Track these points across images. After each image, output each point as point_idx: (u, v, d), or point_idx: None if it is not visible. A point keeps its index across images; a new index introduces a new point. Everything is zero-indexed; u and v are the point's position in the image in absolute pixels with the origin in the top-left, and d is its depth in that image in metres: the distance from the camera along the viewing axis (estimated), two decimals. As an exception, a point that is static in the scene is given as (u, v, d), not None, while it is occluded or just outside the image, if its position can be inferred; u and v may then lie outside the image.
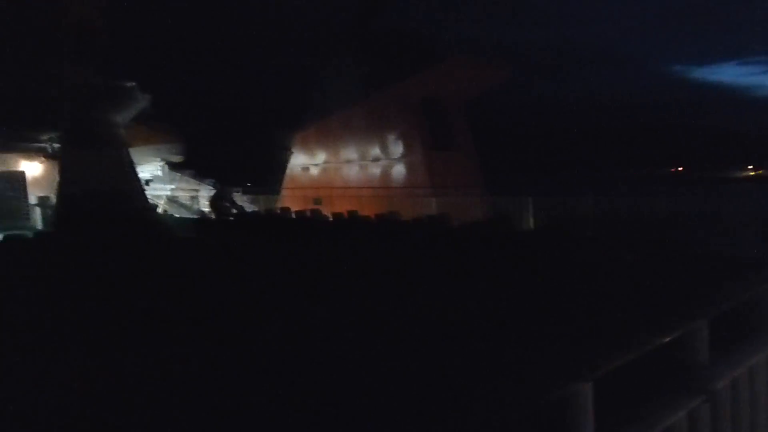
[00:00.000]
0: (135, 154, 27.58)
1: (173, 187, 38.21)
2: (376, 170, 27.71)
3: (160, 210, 33.74)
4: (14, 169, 27.80)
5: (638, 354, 5.10)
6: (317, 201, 28.23)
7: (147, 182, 34.64)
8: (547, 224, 18.56)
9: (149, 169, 36.80)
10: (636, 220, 17.36)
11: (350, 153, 29.20)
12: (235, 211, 26.53)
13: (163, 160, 37.45)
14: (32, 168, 28.26)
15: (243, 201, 31.18)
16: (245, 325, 7.76)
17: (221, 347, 6.87)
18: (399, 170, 26.59)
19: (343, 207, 25.01)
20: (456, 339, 6.22)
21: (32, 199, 27.32)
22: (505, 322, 6.76)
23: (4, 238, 18.70)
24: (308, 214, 25.02)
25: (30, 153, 28.89)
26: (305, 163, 32.38)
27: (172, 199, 37.63)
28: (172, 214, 34.79)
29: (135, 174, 23.97)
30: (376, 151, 27.67)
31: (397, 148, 26.59)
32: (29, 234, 20.69)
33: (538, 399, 4.26)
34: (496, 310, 7.43)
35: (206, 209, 33.45)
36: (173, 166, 38.07)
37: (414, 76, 25.45)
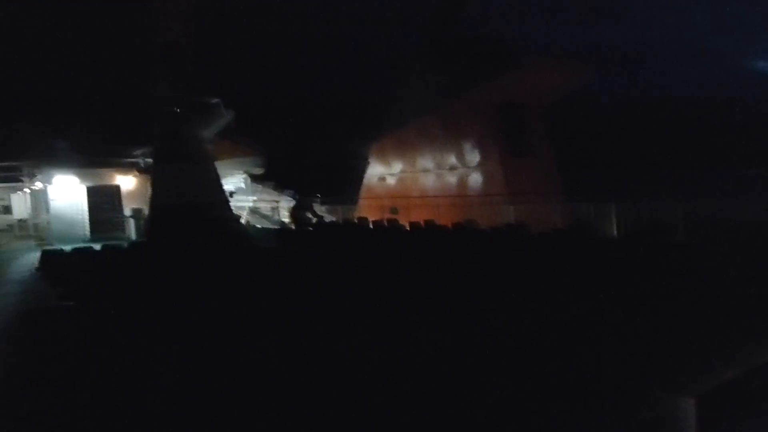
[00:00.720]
0: (220, 167, 28.71)
1: (255, 198, 39.51)
2: (452, 179, 27.56)
3: (242, 221, 34.94)
4: (110, 183, 29.57)
5: (746, 369, 4.79)
6: (394, 210, 28.38)
7: (231, 194, 35.96)
8: (632, 231, 17.78)
9: (233, 181, 38.19)
10: (731, 225, 16.36)
11: (426, 162, 29.20)
12: (314, 220, 27.06)
13: (245, 172, 38.78)
14: (126, 182, 29.95)
15: (321, 211, 31.78)
16: (330, 331, 7.88)
17: (307, 351, 7.00)
18: (476, 178, 26.32)
19: (419, 216, 24.99)
20: (547, 352, 6.06)
21: (126, 211, 28.93)
22: (598, 335, 6.53)
23: (102, 247, 19.87)
24: (385, 223, 25.18)
25: (124, 168, 30.68)
26: (382, 172, 32.67)
27: (254, 210, 38.90)
28: (254, 225, 35.96)
29: (220, 186, 24.94)
30: (452, 159, 27.52)
31: (474, 156, 26.34)
32: (124, 244, 21.88)
33: (638, 415, 4.09)
34: (586, 322, 7.20)
35: (286, 219, 34.36)
36: (255, 179, 39.36)
37: (490, 82, 25.18)
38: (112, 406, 6.04)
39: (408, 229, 23.09)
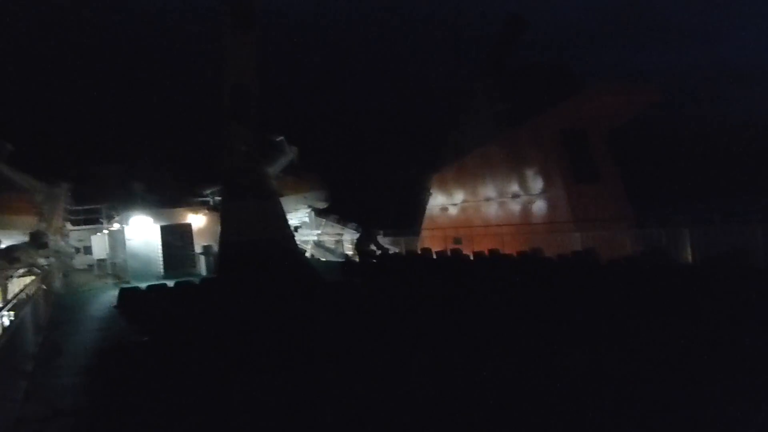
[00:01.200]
0: (285, 202, 29.45)
1: (319, 232, 40.17)
2: (516, 207, 27.18)
3: (307, 254, 35.49)
4: (182, 221, 30.75)
5: None
6: (457, 240, 28.20)
7: (296, 228, 36.70)
8: (708, 257, 16.93)
9: (298, 216, 39.03)
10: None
11: (489, 191, 28.96)
12: (378, 252, 27.19)
13: (309, 207, 39.59)
14: (197, 220, 31.06)
15: (385, 242, 31.93)
16: (400, 361, 7.86)
17: (379, 380, 7.00)
18: (540, 206, 25.85)
19: (483, 245, 24.73)
20: (628, 388, 5.84)
21: (197, 248, 29.95)
22: (690, 370, 6.24)
23: (175, 284, 20.58)
24: (449, 253, 25.02)
25: (195, 206, 31.88)
26: (444, 203, 32.62)
27: (318, 244, 39.53)
28: (319, 258, 36.47)
29: (286, 222, 25.46)
30: (515, 187, 27.18)
31: (537, 183, 25.92)
32: (196, 280, 22.58)
33: None
34: (663, 354, 6.90)
35: (350, 252, 34.69)
36: (319, 213, 40.11)
37: (552, 108, 24.90)
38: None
39: (472, 258, 22.86)
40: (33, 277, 22.94)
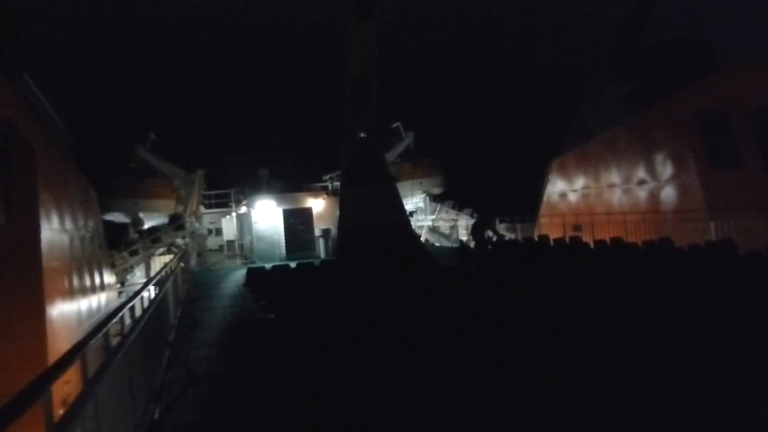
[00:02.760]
0: (400, 187, 29.87)
1: (434, 217, 40.36)
2: (642, 193, 25.65)
3: (422, 239, 35.80)
4: (303, 206, 32.13)
5: None
6: (577, 228, 27.21)
7: (411, 214, 37.12)
8: None
9: (413, 201, 39.44)
10: None
11: (613, 176, 27.56)
12: (494, 239, 26.86)
13: (424, 192, 39.85)
14: (316, 204, 32.33)
15: (501, 229, 31.49)
16: (515, 353, 7.77)
17: (496, 372, 6.97)
18: (669, 193, 24.21)
19: (605, 234, 23.65)
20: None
21: (317, 232, 31.20)
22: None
23: (297, 265, 21.59)
24: (567, 241, 24.18)
25: (315, 191, 33.19)
26: (563, 189, 31.51)
27: (433, 229, 39.75)
28: (433, 243, 36.67)
29: (402, 207, 25.85)
30: (642, 172, 25.65)
31: (668, 169, 24.28)
32: (316, 262, 23.56)
33: None
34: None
35: (464, 238, 34.54)
36: (434, 198, 40.28)
37: (688, 87, 23.19)
38: (300, 411, 6.56)
39: (593, 247, 21.95)
40: (171, 256, 25.00)
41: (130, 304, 7.61)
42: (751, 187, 21.77)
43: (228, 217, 34.21)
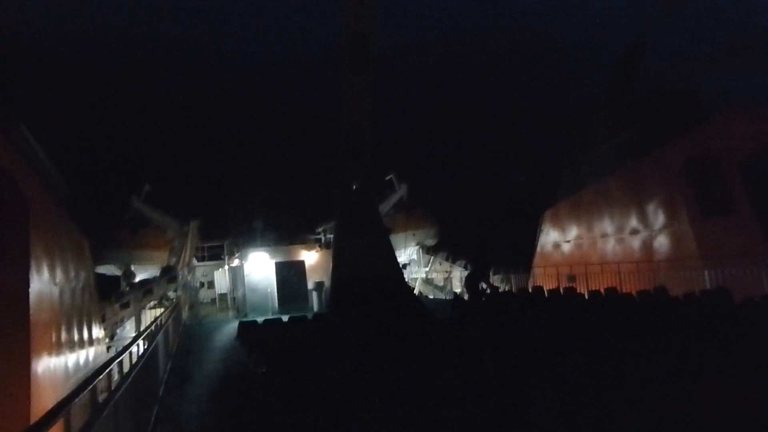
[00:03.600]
0: (394, 239, 29.83)
1: (427, 269, 40.18)
2: (636, 243, 25.71)
3: (415, 291, 35.54)
4: (296, 258, 31.99)
5: None
6: (571, 278, 27.09)
7: (404, 266, 36.98)
8: None
9: (407, 253, 39.34)
10: None
11: (606, 226, 27.68)
12: (488, 291, 26.70)
13: (417, 244, 39.79)
14: (309, 257, 32.19)
15: (495, 280, 31.36)
16: (509, 403, 7.60)
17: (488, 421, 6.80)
18: (662, 242, 24.28)
19: (599, 284, 23.56)
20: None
21: (310, 284, 30.93)
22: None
23: (289, 318, 21.33)
24: (561, 292, 24.06)
25: (308, 244, 33.10)
26: (557, 239, 31.59)
27: (427, 281, 39.51)
28: (427, 296, 36.40)
29: (394, 259, 25.78)
30: (635, 222, 25.79)
31: (660, 218, 24.43)
32: (309, 315, 23.28)
33: None
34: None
35: (458, 290, 34.31)
36: (427, 250, 40.21)
37: (679, 136, 23.60)
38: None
39: (587, 297, 21.83)
40: (163, 309, 24.66)
41: (118, 359, 7.44)
42: (743, 234, 21.87)
43: (221, 269, 33.95)
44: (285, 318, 21.95)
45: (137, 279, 33.23)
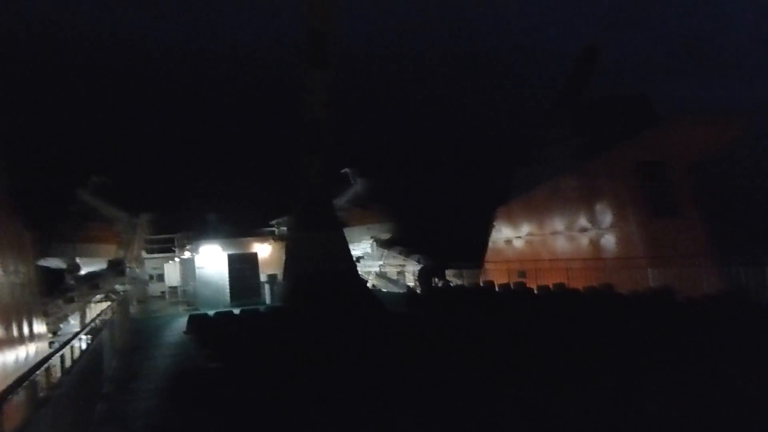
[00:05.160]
0: (349, 233, 29.72)
1: (382, 263, 40.27)
2: (585, 241, 26.40)
3: (369, 284, 35.58)
4: (249, 251, 31.54)
5: None
6: (521, 274, 27.60)
7: (358, 259, 36.95)
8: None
9: (361, 246, 39.33)
10: None
11: (557, 224, 28.33)
12: (440, 285, 26.98)
13: (372, 238, 39.84)
14: (262, 249, 31.78)
15: (448, 275, 31.67)
16: (457, 394, 7.69)
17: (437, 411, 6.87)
18: (611, 240, 25.00)
19: (549, 279, 24.10)
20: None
21: (262, 277, 30.55)
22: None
23: (241, 311, 21.05)
24: (512, 287, 24.51)
25: (262, 236, 32.69)
26: (509, 235, 32.14)
27: (380, 275, 39.60)
28: (380, 289, 36.50)
29: (349, 253, 25.72)
30: (585, 220, 26.47)
31: (609, 217, 25.13)
32: (261, 308, 23.03)
33: None
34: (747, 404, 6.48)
35: (412, 283, 34.53)
36: (382, 244, 40.29)
37: (629, 140, 24.28)
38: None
39: (536, 292, 22.31)
40: (110, 303, 23.98)
41: (56, 355, 7.18)
42: (687, 235, 22.70)
43: (171, 262, 33.20)
44: (237, 311, 21.68)
45: (83, 272, 32.21)
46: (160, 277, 33.25)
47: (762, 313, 14.65)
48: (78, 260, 33.20)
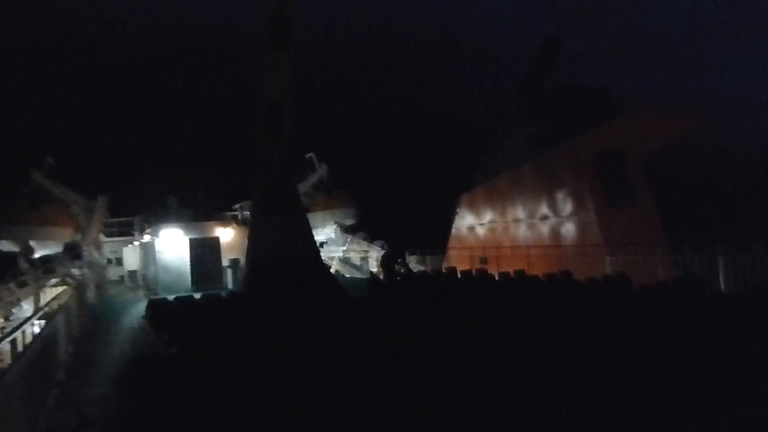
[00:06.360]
0: (313, 218, 29.59)
1: (345, 248, 40.31)
2: (545, 228, 26.93)
3: (332, 270, 35.59)
4: (211, 235, 31.13)
5: None
6: (483, 260, 28.00)
7: (321, 245, 36.90)
8: (746, 285, 16.47)
9: (325, 232, 39.28)
10: None
11: (518, 211, 28.80)
12: (403, 271, 27.13)
13: (336, 223, 39.82)
14: (225, 234, 31.42)
15: (411, 261, 31.89)
16: (420, 380, 7.79)
17: (400, 400, 6.94)
18: (570, 228, 25.56)
19: (510, 266, 24.50)
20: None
21: (225, 262, 30.24)
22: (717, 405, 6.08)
23: (202, 296, 20.81)
24: (474, 273, 24.85)
25: (224, 221, 32.29)
26: (471, 222, 32.52)
27: (344, 260, 39.64)
28: (344, 275, 36.56)
29: (312, 238, 25.61)
30: (545, 208, 26.97)
31: (569, 205, 25.66)
32: (223, 293, 22.81)
33: None
34: (698, 388, 6.73)
35: (375, 269, 34.68)
36: (345, 229, 40.32)
37: (586, 131, 24.76)
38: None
39: (497, 279, 22.68)
40: (65, 287, 23.43)
41: (7, 340, 7.00)
42: (644, 224, 23.36)
43: (130, 246, 32.55)
44: (198, 296, 21.43)
45: (38, 256, 31.34)
46: (119, 261, 32.62)
47: (712, 299, 15.21)
48: (32, 243, 32.29)
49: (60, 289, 25.81)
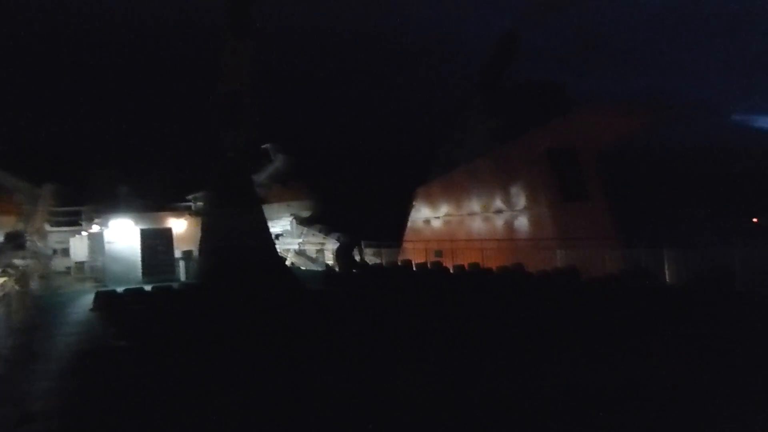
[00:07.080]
0: (268, 210, 29.23)
1: (301, 241, 40.02)
2: (500, 222, 27.31)
3: (288, 262, 35.28)
4: (163, 226, 30.42)
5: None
6: (438, 253, 28.25)
7: (277, 236, 36.50)
8: (692, 278, 17.06)
9: (281, 224, 38.87)
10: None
11: (473, 205, 29.12)
12: (358, 263, 27.15)
13: (292, 215, 39.46)
14: (178, 225, 30.76)
15: (367, 253, 31.89)
16: (374, 370, 7.82)
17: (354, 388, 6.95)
18: (523, 222, 25.99)
19: (464, 259, 24.79)
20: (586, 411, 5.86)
21: (177, 253, 29.58)
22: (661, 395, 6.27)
23: (153, 288, 20.35)
24: (429, 266, 25.06)
25: (177, 211, 31.61)
26: (427, 216, 32.72)
27: (300, 252, 39.35)
28: (299, 267, 36.30)
29: (267, 230, 25.32)
30: (500, 202, 27.34)
31: (523, 200, 26.07)
32: (174, 285, 22.35)
33: None
34: (643, 378, 6.94)
35: (331, 262, 34.57)
36: (301, 221, 40.00)
37: (542, 125, 25.13)
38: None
39: (451, 271, 22.93)
40: (6, 278, 22.52)
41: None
42: (595, 219, 23.89)
43: (78, 236, 31.52)
44: (148, 288, 20.93)
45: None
46: (65, 252, 31.56)
47: (658, 290, 15.74)
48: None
49: (1, 280, 24.78)
